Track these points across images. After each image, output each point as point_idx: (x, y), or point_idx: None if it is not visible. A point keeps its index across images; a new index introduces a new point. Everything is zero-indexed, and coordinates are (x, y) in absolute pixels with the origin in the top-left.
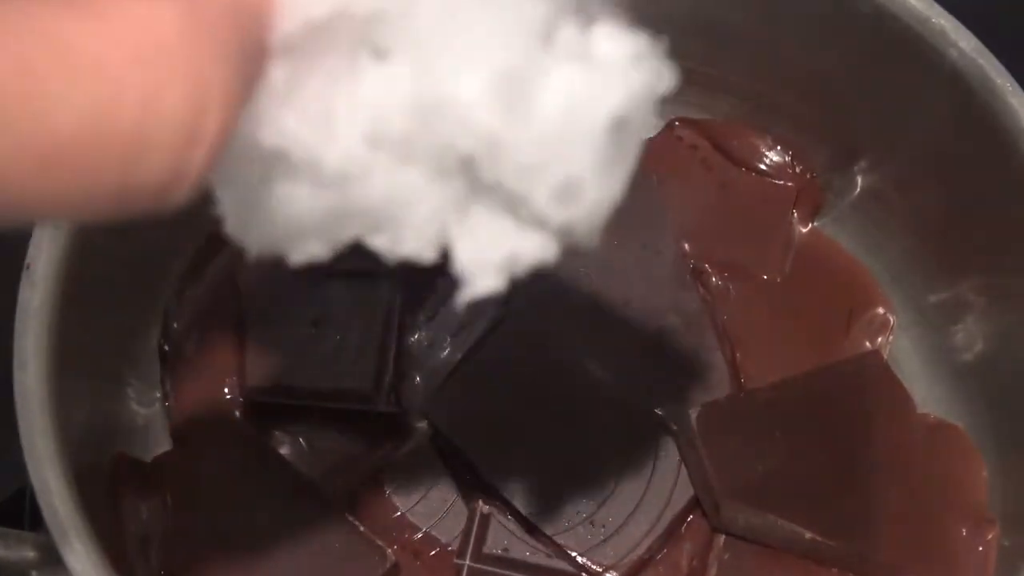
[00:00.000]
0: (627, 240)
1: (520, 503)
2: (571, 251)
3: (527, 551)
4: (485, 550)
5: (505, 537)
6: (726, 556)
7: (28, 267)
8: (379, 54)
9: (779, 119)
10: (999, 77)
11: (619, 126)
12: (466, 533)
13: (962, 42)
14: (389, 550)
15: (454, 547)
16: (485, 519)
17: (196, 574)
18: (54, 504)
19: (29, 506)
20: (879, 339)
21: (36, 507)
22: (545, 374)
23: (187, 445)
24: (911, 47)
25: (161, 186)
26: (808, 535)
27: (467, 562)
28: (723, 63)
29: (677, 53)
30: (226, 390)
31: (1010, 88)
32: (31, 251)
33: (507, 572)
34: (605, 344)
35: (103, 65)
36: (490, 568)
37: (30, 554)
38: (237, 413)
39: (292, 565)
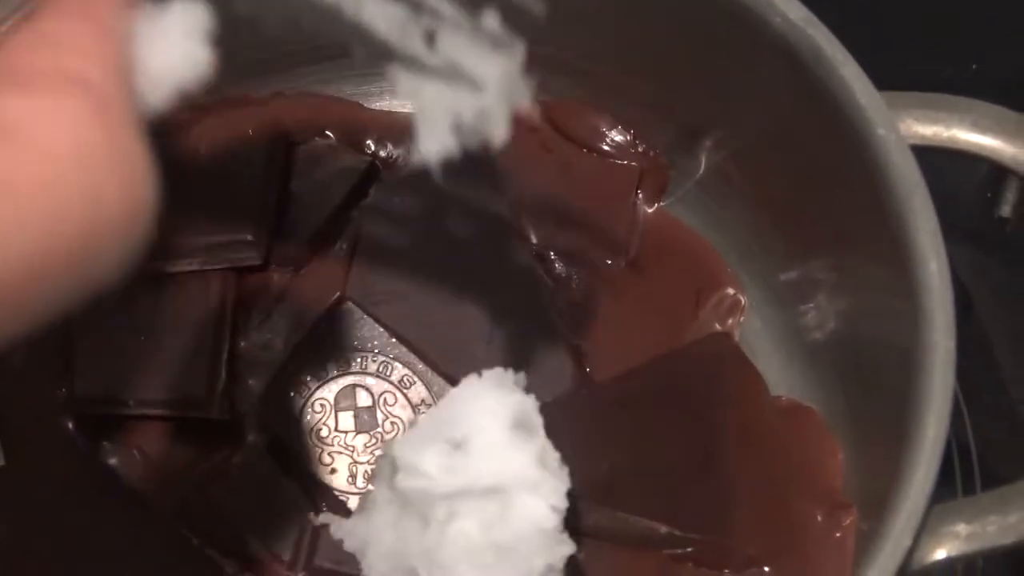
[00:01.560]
0: (464, 225)
1: None
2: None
3: (358, 566)
4: (317, 562)
5: (338, 551)
6: (580, 556)
7: None
8: None
9: (619, 98)
10: (829, 47)
11: None
12: (297, 544)
13: (790, 12)
14: (225, 563)
15: (287, 558)
16: (317, 531)
17: None
18: None
19: None
20: (729, 320)
21: None
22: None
23: (19, 459)
24: (739, 19)
25: (116, 269)
26: (663, 529)
27: (298, 574)
28: (558, 42)
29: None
30: (57, 402)
31: (841, 58)
32: None
33: None
34: (440, 333)
35: (38, 190)
36: None
37: None
38: (69, 425)
39: None
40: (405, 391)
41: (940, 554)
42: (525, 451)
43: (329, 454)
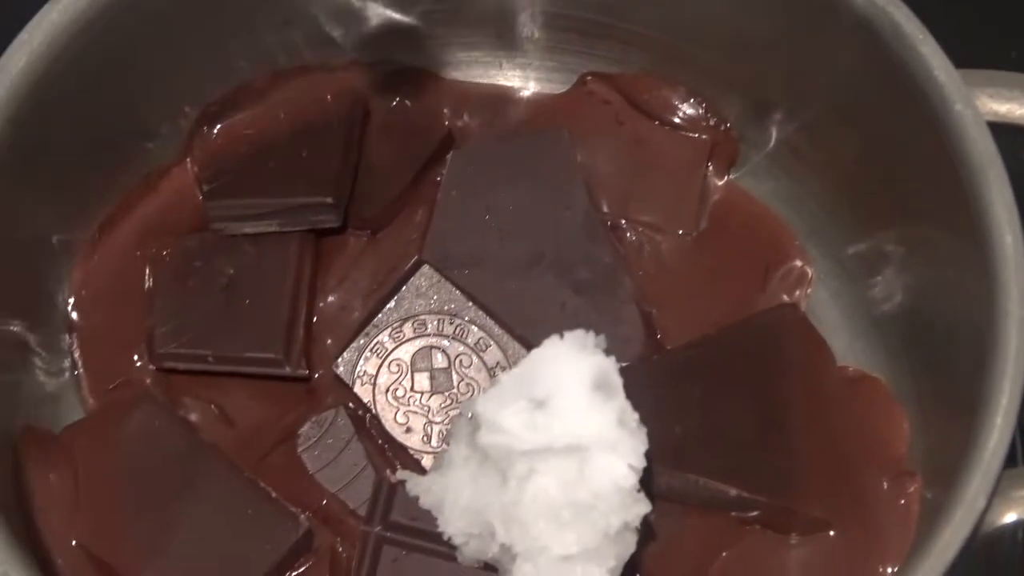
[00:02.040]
0: (537, 193)
1: None
2: (479, 205)
3: (434, 522)
4: (392, 518)
5: (412, 507)
6: (651, 516)
7: None
8: None
9: (692, 72)
10: (908, 25)
11: None
12: (374, 500)
13: None
14: (302, 516)
15: (362, 513)
16: (393, 488)
17: (107, 543)
18: None
19: None
20: (797, 292)
21: None
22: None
23: (97, 414)
24: None
25: None
26: (733, 492)
27: (374, 529)
28: (634, 16)
29: (587, 7)
30: (135, 357)
31: (920, 36)
32: None
33: (414, 541)
34: (515, 298)
35: None
36: (397, 536)
37: None
38: (147, 381)
39: (205, 534)
40: (481, 354)
41: (1010, 517)
42: (605, 411)
43: (405, 414)
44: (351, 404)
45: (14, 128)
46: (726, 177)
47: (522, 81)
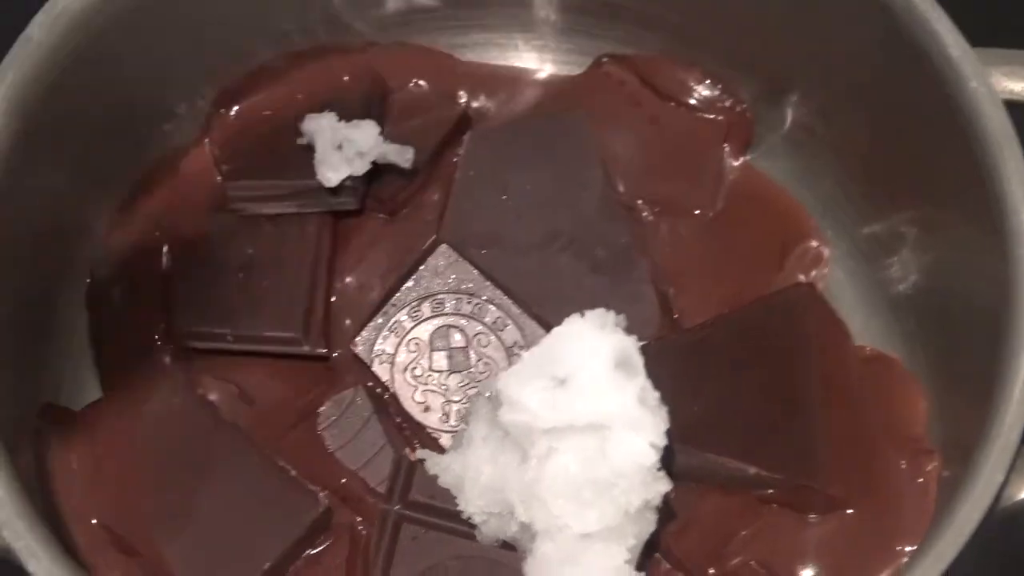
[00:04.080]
0: (554, 174)
1: None
2: (497, 186)
3: (453, 501)
4: (412, 497)
5: (432, 485)
6: (671, 495)
7: None
8: None
9: (708, 53)
10: (922, 2)
11: None
12: (393, 479)
13: None
14: (321, 494)
15: (381, 491)
16: (412, 466)
17: (127, 520)
18: None
19: None
20: (813, 272)
21: None
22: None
23: (117, 393)
24: None
25: None
26: (751, 470)
27: (394, 507)
28: None
29: None
30: (156, 337)
31: (934, 14)
32: None
33: (433, 519)
34: (533, 277)
35: None
36: (416, 515)
37: None
38: (166, 360)
39: (225, 512)
40: (498, 332)
41: None
42: (626, 389)
43: (423, 393)
44: (370, 383)
45: (37, 107)
46: (742, 158)
47: (538, 63)
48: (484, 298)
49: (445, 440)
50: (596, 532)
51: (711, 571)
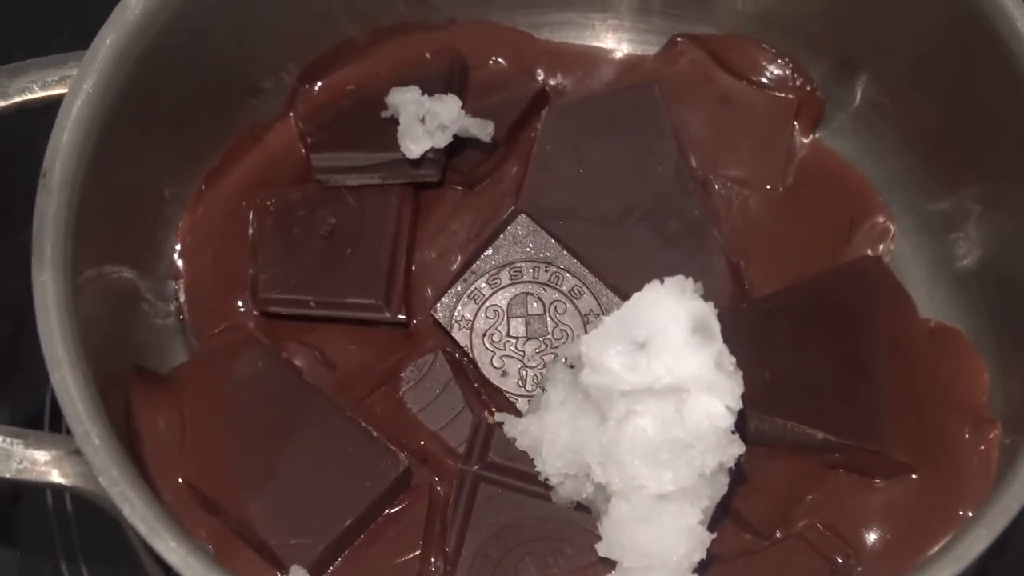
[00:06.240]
0: (629, 148)
1: None
2: (573, 159)
3: (530, 462)
4: (490, 458)
5: (509, 448)
6: (742, 459)
7: (44, 175)
8: None
9: (779, 33)
10: None
11: None
12: (472, 440)
13: None
14: (402, 455)
15: (460, 451)
16: (490, 429)
17: (213, 481)
18: (72, 399)
19: (50, 411)
20: (880, 246)
21: (56, 414)
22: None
23: (203, 357)
24: None
25: None
26: (819, 436)
27: (472, 468)
28: None
29: None
30: (239, 303)
31: None
32: (47, 159)
33: (510, 480)
34: (608, 248)
35: None
36: (494, 475)
37: (50, 452)
38: (251, 325)
39: (307, 471)
40: (575, 301)
41: None
42: (704, 354)
43: (500, 358)
44: (448, 348)
45: (132, 73)
46: (811, 136)
47: (615, 43)
48: (561, 267)
49: (521, 404)
50: (671, 493)
51: (778, 533)
